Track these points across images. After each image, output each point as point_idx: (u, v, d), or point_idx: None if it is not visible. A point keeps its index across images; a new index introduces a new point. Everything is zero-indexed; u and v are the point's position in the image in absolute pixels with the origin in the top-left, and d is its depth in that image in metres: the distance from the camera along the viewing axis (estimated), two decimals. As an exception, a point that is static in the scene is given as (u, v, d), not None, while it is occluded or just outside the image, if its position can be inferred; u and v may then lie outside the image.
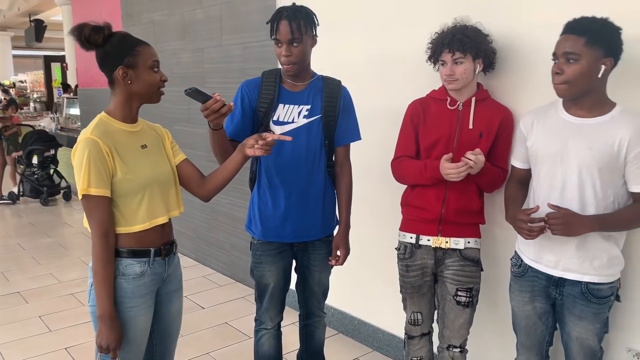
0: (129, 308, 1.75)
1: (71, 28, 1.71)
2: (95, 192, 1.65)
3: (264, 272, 2.25)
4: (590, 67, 1.68)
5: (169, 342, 1.99)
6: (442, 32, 2.15)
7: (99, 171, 1.65)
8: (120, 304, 1.73)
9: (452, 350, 2.23)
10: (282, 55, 2.04)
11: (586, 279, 1.81)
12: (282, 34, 2.01)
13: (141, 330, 1.80)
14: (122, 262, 1.74)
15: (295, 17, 2.00)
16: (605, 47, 1.68)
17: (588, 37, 1.67)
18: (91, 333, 3.33)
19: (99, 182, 1.65)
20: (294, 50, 2.03)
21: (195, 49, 4.38)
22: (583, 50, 1.68)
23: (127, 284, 1.75)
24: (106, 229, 1.68)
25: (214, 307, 3.79)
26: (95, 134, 1.67)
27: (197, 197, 1.96)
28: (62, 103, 8.92)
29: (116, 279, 1.72)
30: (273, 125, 2.14)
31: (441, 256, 2.20)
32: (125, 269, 1.74)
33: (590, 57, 1.68)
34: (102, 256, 1.67)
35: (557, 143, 1.82)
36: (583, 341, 1.87)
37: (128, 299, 1.75)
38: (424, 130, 2.22)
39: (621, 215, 1.77)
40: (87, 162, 1.64)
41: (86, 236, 5.63)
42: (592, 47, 1.67)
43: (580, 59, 1.68)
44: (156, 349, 1.96)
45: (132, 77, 1.72)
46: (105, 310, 1.68)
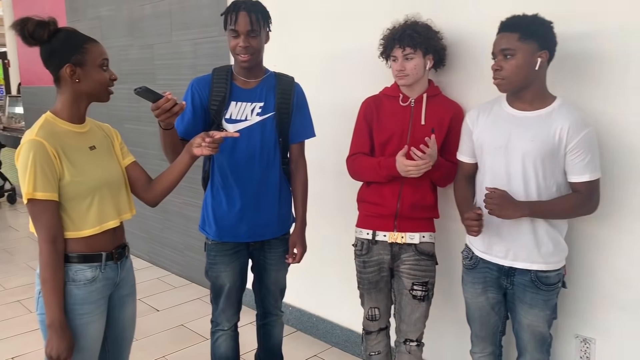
0: (80, 315, 1.69)
1: (13, 22, 1.62)
2: (41, 196, 1.58)
3: (220, 273, 2.22)
4: (527, 60, 1.77)
5: (123, 348, 1.93)
6: (393, 28, 2.18)
7: (45, 174, 1.58)
8: (71, 311, 1.67)
9: (409, 344, 2.25)
10: (238, 46, 2.02)
11: (535, 267, 1.88)
12: (240, 25, 1.99)
13: (93, 338, 1.74)
14: (72, 267, 1.67)
15: (254, 10, 2.01)
16: (539, 40, 1.78)
17: (521, 33, 1.77)
18: (40, 341, 3.21)
19: (45, 186, 1.58)
20: (252, 42, 2.02)
21: (144, 46, 4.26)
22: (518, 45, 1.77)
23: (78, 290, 1.68)
24: (54, 234, 1.61)
25: (169, 309, 3.71)
26: (40, 135, 1.60)
27: (143, 201, 1.91)
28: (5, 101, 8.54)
29: (66, 285, 1.66)
30: (226, 124, 2.10)
31: (397, 251, 2.23)
32: (75, 274, 1.68)
33: (525, 51, 1.77)
34: (51, 262, 1.60)
35: (501, 136, 1.88)
36: (534, 328, 1.93)
37: (79, 306, 1.68)
38: (377, 127, 2.23)
39: (554, 204, 1.84)
40: (33, 164, 1.56)
41: (33, 240, 5.41)
42: (526, 41, 1.76)
43: (516, 53, 1.77)
44: (109, 356, 1.90)
45: (80, 76, 1.65)
46: (55, 319, 1.61)
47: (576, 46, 1.97)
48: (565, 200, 1.85)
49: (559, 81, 2.00)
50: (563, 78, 2.01)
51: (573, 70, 2.00)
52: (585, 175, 1.81)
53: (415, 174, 2.04)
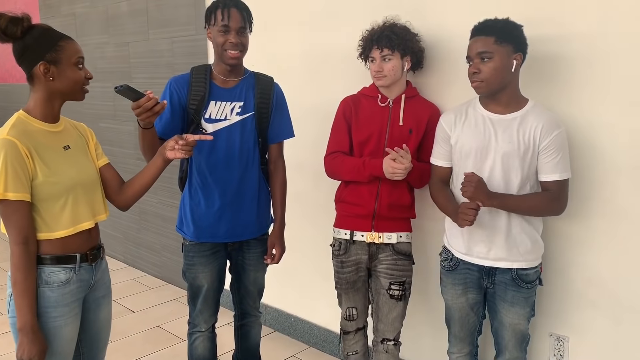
0: (53, 318, 1.65)
1: None
2: (13, 196, 1.55)
3: (197, 274, 2.20)
4: (503, 62, 1.81)
5: (98, 350, 1.90)
6: (372, 30, 2.20)
7: (17, 174, 1.54)
8: (44, 314, 1.64)
9: (387, 344, 2.27)
10: (229, 42, 2.01)
11: (515, 266, 1.92)
12: (233, 21, 2.00)
13: (67, 341, 1.71)
14: (45, 269, 1.64)
15: (244, 8, 2.04)
16: (513, 43, 1.82)
17: (496, 36, 1.81)
18: (11, 344, 3.14)
19: (17, 186, 1.55)
20: (242, 39, 2.03)
21: (120, 43, 4.21)
22: (494, 48, 1.81)
23: (51, 292, 1.65)
24: (26, 235, 1.58)
25: (145, 310, 3.67)
26: (12, 134, 1.56)
27: (114, 205, 1.88)
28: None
29: (39, 287, 1.63)
30: (205, 123, 2.09)
31: (375, 251, 2.24)
32: (48, 276, 1.65)
33: (502, 54, 1.81)
34: (22, 264, 1.57)
35: (481, 139, 1.91)
36: (515, 326, 1.96)
37: (52, 309, 1.65)
38: (356, 126, 2.24)
39: (524, 199, 1.88)
40: (4, 164, 1.53)
41: (4, 241, 5.30)
42: (502, 44, 1.80)
43: (494, 56, 1.81)
44: (84, 358, 1.87)
45: (54, 74, 1.62)
46: (27, 322, 1.58)
47: (545, 49, 2.02)
48: (534, 197, 1.89)
49: (530, 84, 2.04)
50: (533, 80, 2.05)
51: (542, 73, 2.04)
52: (555, 174, 1.85)
53: (401, 176, 2.06)
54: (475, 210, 1.86)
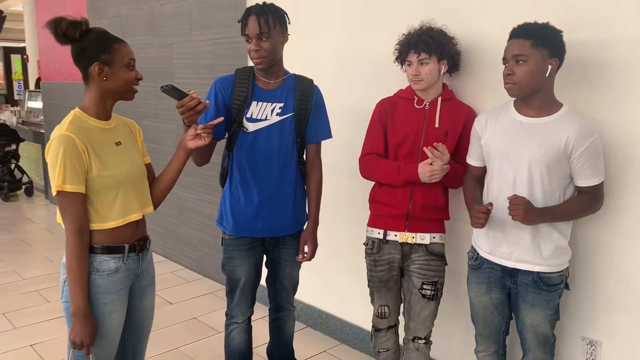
0: (103, 304, 1.76)
1: (47, 21, 1.69)
2: (70, 188, 1.65)
3: (236, 267, 2.28)
4: (538, 66, 1.83)
5: (141, 337, 2.00)
6: (408, 34, 2.23)
7: (74, 167, 1.65)
8: (94, 300, 1.74)
9: (417, 342, 2.30)
10: (251, 50, 2.08)
11: (537, 269, 1.94)
12: (250, 29, 2.06)
13: (115, 326, 1.81)
14: (96, 258, 1.75)
15: (263, 12, 2.06)
16: (550, 48, 1.83)
17: (534, 40, 1.82)
18: (57, 330, 3.33)
19: (74, 179, 1.65)
20: (263, 44, 2.07)
21: (163, 45, 4.35)
22: (530, 52, 1.82)
23: (102, 280, 1.75)
24: (80, 225, 1.68)
25: (183, 302, 3.79)
26: (70, 130, 1.67)
27: None
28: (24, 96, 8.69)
29: (90, 275, 1.73)
30: (247, 122, 2.17)
31: (407, 251, 2.28)
32: (99, 265, 1.75)
33: (537, 58, 1.82)
34: (77, 252, 1.67)
35: (509, 141, 1.94)
36: (536, 328, 1.98)
37: (102, 295, 1.75)
38: (392, 129, 2.28)
39: (569, 206, 1.91)
40: (63, 158, 1.63)
41: (50, 232, 5.53)
42: (538, 48, 1.81)
43: (529, 59, 1.82)
44: (128, 344, 1.97)
45: (107, 74, 1.73)
46: (80, 307, 1.68)
47: (582, 54, 2.02)
48: (577, 202, 1.92)
49: (567, 88, 2.05)
50: (569, 85, 2.06)
51: (580, 78, 2.04)
52: (594, 179, 1.87)
53: (438, 179, 2.12)
54: (486, 214, 1.91)
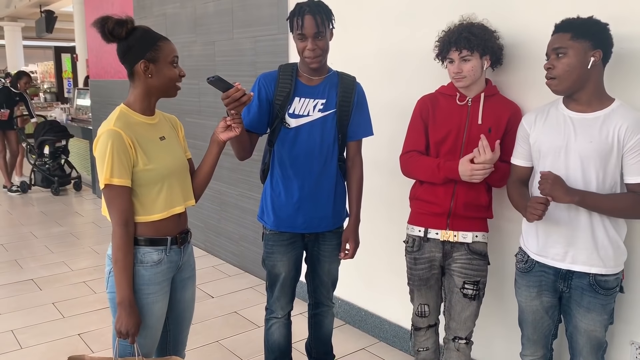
0: (146, 295, 1.80)
1: (94, 20, 1.74)
2: (117, 182, 1.70)
3: (276, 262, 2.30)
4: (579, 58, 1.78)
5: (183, 327, 2.04)
6: (448, 31, 2.19)
7: (121, 162, 1.69)
8: (139, 290, 1.78)
9: (458, 342, 2.27)
10: (307, 49, 2.09)
11: (594, 270, 1.87)
12: (307, 29, 2.06)
13: (158, 317, 1.85)
14: (140, 250, 1.79)
15: (318, 11, 2.06)
16: (592, 39, 1.78)
17: (573, 32, 1.79)
18: (103, 320, 3.43)
19: (121, 172, 1.70)
20: (319, 43, 2.09)
21: (206, 42, 4.42)
22: (569, 44, 1.79)
23: (145, 271, 1.79)
24: (127, 218, 1.73)
25: (223, 296, 3.85)
26: (117, 126, 1.72)
27: None
28: (73, 94, 8.99)
29: (134, 266, 1.77)
30: (289, 118, 2.19)
31: (449, 249, 2.24)
32: (143, 256, 1.79)
33: (577, 50, 1.78)
34: (123, 244, 1.71)
35: (560, 138, 1.88)
36: (591, 333, 1.91)
37: (146, 286, 1.80)
38: (433, 126, 2.25)
39: (607, 199, 1.82)
40: (110, 153, 1.68)
41: (97, 226, 5.71)
42: (578, 40, 1.78)
43: (568, 51, 1.79)
44: (170, 335, 2.01)
45: (152, 71, 1.77)
46: (125, 297, 1.72)
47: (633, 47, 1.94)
48: (619, 198, 1.83)
49: (618, 83, 1.98)
50: (619, 79, 1.98)
51: (630, 72, 1.97)
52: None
53: (480, 178, 2.07)
54: (545, 204, 1.83)
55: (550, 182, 1.80)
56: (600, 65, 1.81)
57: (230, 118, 1.88)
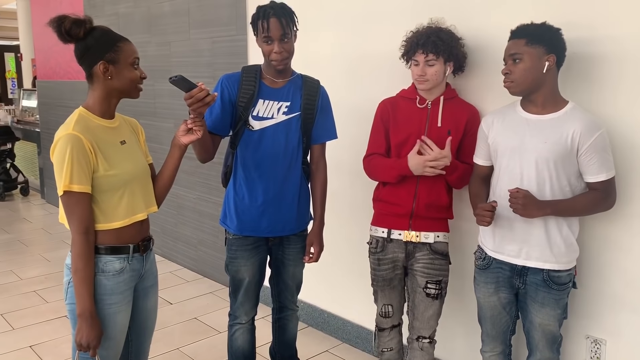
0: (108, 305, 1.74)
1: (50, 20, 1.67)
2: (77, 188, 1.63)
3: (240, 267, 2.27)
4: (534, 64, 1.86)
5: (145, 337, 1.99)
6: (417, 32, 2.22)
7: (81, 167, 1.63)
8: (100, 301, 1.72)
9: (422, 341, 2.30)
10: (274, 52, 2.07)
11: (547, 267, 1.94)
12: (273, 31, 2.04)
13: (120, 327, 1.79)
14: (101, 259, 1.73)
15: (283, 14, 2.05)
16: (546, 45, 1.86)
17: (528, 38, 1.87)
18: (56, 330, 3.31)
19: (81, 179, 1.64)
20: (285, 46, 2.07)
21: (161, 43, 4.33)
22: (524, 49, 1.87)
23: (107, 280, 1.74)
24: (87, 226, 1.67)
25: (182, 302, 3.78)
26: (77, 130, 1.65)
27: None
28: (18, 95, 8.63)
29: (95, 276, 1.71)
30: (252, 120, 2.16)
31: (411, 250, 2.28)
32: (104, 265, 1.73)
33: (532, 55, 1.86)
34: (83, 253, 1.65)
35: (515, 138, 1.95)
36: (545, 327, 1.98)
37: (108, 296, 1.74)
38: (394, 129, 2.28)
39: (575, 202, 1.91)
40: (70, 158, 1.61)
41: (46, 232, 5.50)
42: (533, 45, 1.85)
43: (524, 57, 1.87)
44: (132, 345, 1.95)
45: (112, 73, 1.71)
46: (86, 308, 1.66)
47: (587, 51, 2.03)
48: (584, 198, 1.91)
49: (570, 85, 2.06)
50: (570, 82, 2.07)
51: (584, 75, 2.05)
52: (601, 174, 1.87)
53: (431, 172, 2.10)
54: (491, 211, 1.92)
55: (520, 203, 1.86)
56: (554, 69, 1.89)
57: (192, 121, 1.84)
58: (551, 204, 1.88)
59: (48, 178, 6.71)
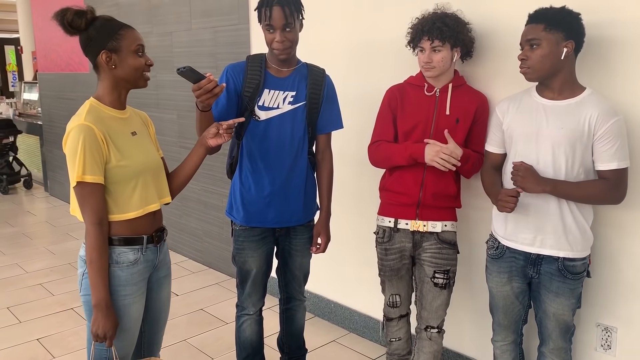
0: (123, 296, 1.74)
1: (54, 13, 1.66)
2: (90, 179, 1.62)
3: (247, 258, 2.26)
4: (552, 50, 1.82)
5: (158, 328, 1.99)
6: (422, 19, 2.18)
7: (94, 158, 1.62)
8: (114, 292, 1.72)
9: (430, 331, 2.29)
10: (275, 41, 2.03)
11: (562, 254, 1.91)
12: (275, 20, 2.00)
13: (134, 318, 1.79)
14: (115, 250, 1.72)
15: (287, 2, 2.00)
16: (564, 31, 1.81)
17: (546, 23, 1.82)
18: (63, 323, 3.31)
19: (94, 169, 1.63)
20: (288, 35, 2.03)
21: (163, 33, 4.29)
22: (543, 35, 1.82)
23: (121, 272, 1.73)
24: (101, 217, 1.66)
25: (188, 294, 3.77)
26: (89, 120, 1.64)
27: None
28: (20, 88, 8.60)
29: (110, 267, 1.71)
30: (258, 110, 2.13)
31: (419, 239, 2.26)
32: (118, 257, 1.73)
33: (550, 41, 1.82)
34: (97, 244, 1.65)
35: (531, 124, 1.92)
36: (559, 317, 1.96)
37: (122, 287, 1.73)
38: (402, 116, 2.25)
39: (578, 186, 1.87)
40: (82, 148, 1.60)
41: (51, 225, 5.50)
42: (551, 31, 1.81)
43: (542, 43, 1.82)
44: (145, 336, 1.95)
45: (115, 62, 1.69)
46: (102, 299, 1.65)
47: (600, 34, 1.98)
48: (590, 185, 1.87)
49: (587, 71, 2.01)
50: (592, 68, 2.02)
51: (602, 62, 2.01)
52: (613, 163, 1.83)
53: (440, 164, 2.07)
54: (515, 197, 1.88)
55: (521, 174, 1.85)
56: (572, 55, 1.85)
57: (227, 126, 1.86)
58: (551, 182, 1.85)
59: (51, 171, 6.70)
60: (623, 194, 1.88)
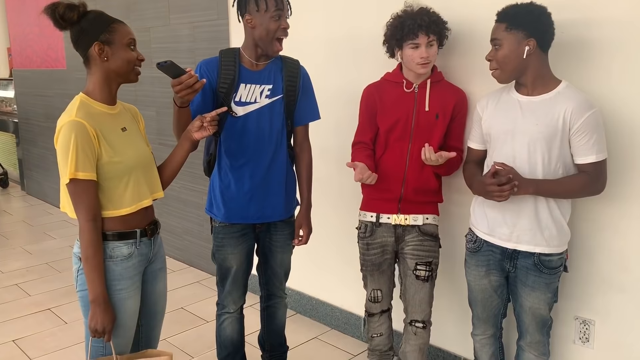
0: (118, 291, 1.74)
1: (45, 7, 1.65)
2: (83, 176, 1.62)
3: (227, 255, 2.23)
4: (512, 50, 1.83)
5: (155, 321, 1.98)
6: (412, 14, 2.12)
7: (86, 154, 1.62)
8: (110, 287, 1.72)
9: (415, 326, 2.29)
10: (282, 28, 2.04)
11: (538, 250, 1.92)
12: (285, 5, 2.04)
13: (131, 313, 1.79)
14: (109, 245, 1.72)
15: None
16: (525, 29, 1.81)
17: (508, 22, 1.83)
18: (40, 324, 3.26)
19: (86, 166, 1.62)
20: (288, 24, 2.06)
21: (140, 29, 4.22)
22: (503, 35, 1.84)
23: (116, 266, 1.73)
24: (94, 213, 1.65)
25: (169, 292, 3.62)
26: (80, 116, 1.63)
27: None
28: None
29: (104, 262, 1.71)
30: (235, 106, 2.11)
31: (401, 233, 2.26)
32: (112, 251, 1.73)
33: (511, 41, 1.83)
34: (92, 241, 1.65)
35: (508, 121, 1.92)
36: (535, 310, 1.97)
37: (117, 282, 1.73)
38: (382, 113, 2.25)
39: (560, 183, 1.87)
40: (75, 145, 1.59)
41: (27, 224, 5.40)
42: (512, 31, 1.82)
43: (503, 43, 1.84)
44: (142, 330, 1.94)
45: (108, 54, 1.69)
46: (99, 294, 1.66)
47: (582, 33, 2.00)
48: (571, 180, 1.88)
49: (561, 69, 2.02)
50: (564, 63, 2.03)
51: (577, 56, 2.02)
52: (591, 156, 1.83)
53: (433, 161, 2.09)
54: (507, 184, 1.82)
55: (517, 183, 1.82)
56: (537, 52, 1.84)
57: (208, 119, 1.86)
58: (536, 182, 1.85)
59: (28, 169, 6.57)
60: (603, 184, 1.89)
